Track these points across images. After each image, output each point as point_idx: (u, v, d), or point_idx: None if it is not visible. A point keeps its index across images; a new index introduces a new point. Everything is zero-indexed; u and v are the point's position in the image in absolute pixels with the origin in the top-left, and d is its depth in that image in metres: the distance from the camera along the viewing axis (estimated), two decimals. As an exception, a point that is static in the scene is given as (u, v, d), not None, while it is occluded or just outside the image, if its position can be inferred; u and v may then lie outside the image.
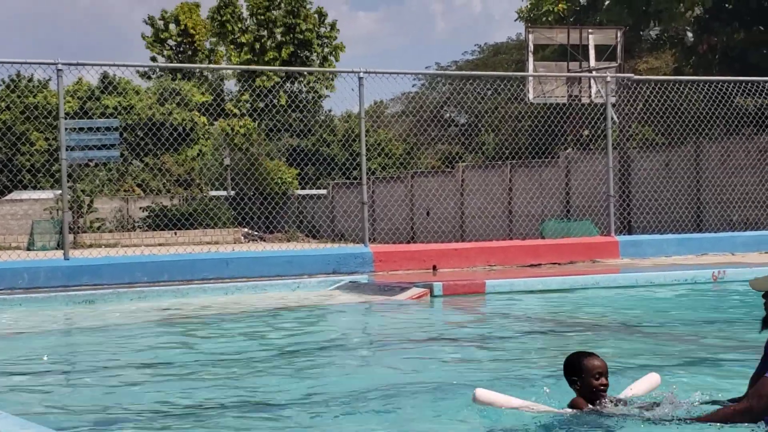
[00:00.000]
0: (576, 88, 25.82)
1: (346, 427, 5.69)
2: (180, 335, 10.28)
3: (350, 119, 47.93)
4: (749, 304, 12.25)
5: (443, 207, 35.88)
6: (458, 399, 6.41)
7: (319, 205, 42.80)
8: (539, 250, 17.48)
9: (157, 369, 8.02)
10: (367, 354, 8.62)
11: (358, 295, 13.24)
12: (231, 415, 6.08)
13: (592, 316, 11.44)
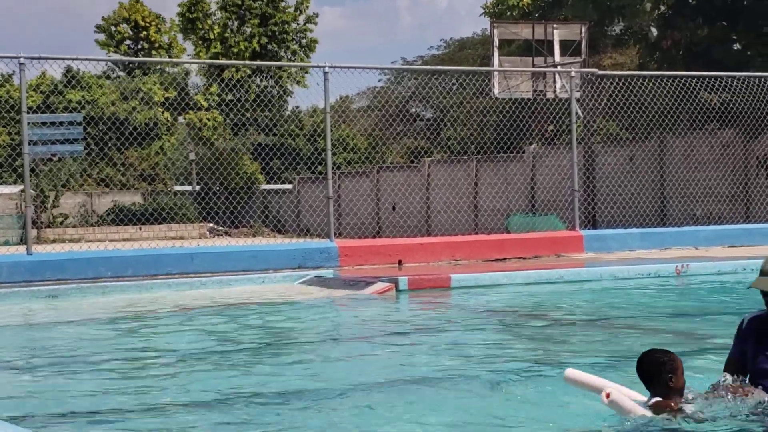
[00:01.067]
0: (541, 83, 25.88)
1: (309, 423, 5.68)
2: (143, 330, 10.23)
3: (316, 114, 47.85)
4: (712, 297, 12.36)
5: (409, 202, 35.92)
6: (424, 394, 6.42)
7: (285, 200, 42.72)
8: (505, 244, 17.52)
9: (117, 364, 7.98)
10: (332, 349, 8.61)
11: (323, 290, 13.22)
12: (193, 411, 6.05)
13: (557, 310, 11.48)
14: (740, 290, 12.86)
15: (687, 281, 13.73)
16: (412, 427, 5.48)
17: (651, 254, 17.29)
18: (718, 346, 7.88)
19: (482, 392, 6.41)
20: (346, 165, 45.59)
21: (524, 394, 6.33)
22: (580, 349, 8.25)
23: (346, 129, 46.74)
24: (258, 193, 41.94)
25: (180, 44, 58.63)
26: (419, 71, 36.20)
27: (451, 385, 6.74)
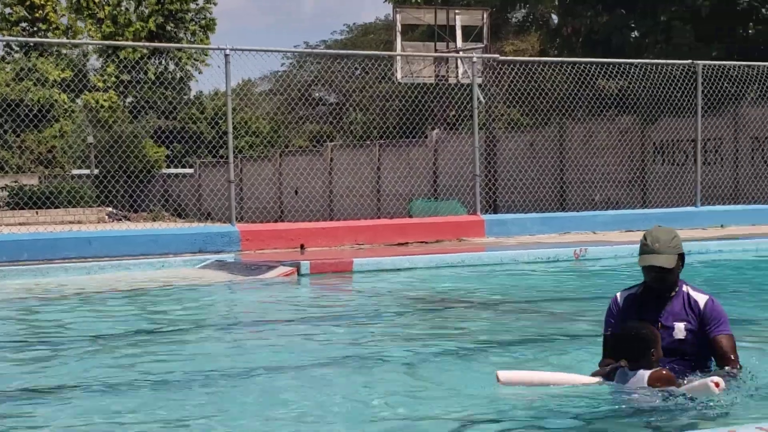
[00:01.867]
0: (443, 69, 25.96)
1: (206, 408, 5.61)
2: (39, 315, 10.02)
3: (218, 97, 47.41)
4: (609, 281, 12.55)
5: (312, 186, 35.82)
6: (326, 377, 6.40)
7: (186, 184, 42.27)
8: (407, 229, 17.57)
9: (8, 349, 7.80)
10: (231, 333, 8.54)
11: (224, 274, 13.10)
12: (89, 396, 5.94)
13: (458, 294, 11.55)
14: (637, 273, 13.09)
15: (585, 265, 13.92)
16: (312, 411, 5.45)
17: (550, 239, 17.50)
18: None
19: (384, 374, 6.42)
20: (249, 149, 45.27)
21: (428, 376, 6.35)
22: (480, 332, 8.32)
23: (248, 112, 46.40)
24: (158, 177, 41.42)
25: (79, 26, 57.45)
26: (322, 55, 36.12)
27: (354, 367, 6.73)
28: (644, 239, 5.72)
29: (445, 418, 5.23)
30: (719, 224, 19.83)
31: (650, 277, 5.70)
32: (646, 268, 5.69)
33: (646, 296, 5.75)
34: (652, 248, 5.65)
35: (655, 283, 5.70)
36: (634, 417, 5.16)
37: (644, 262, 5.67)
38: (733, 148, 27.33)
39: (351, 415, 5.36)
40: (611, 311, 5.83)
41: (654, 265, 5.63)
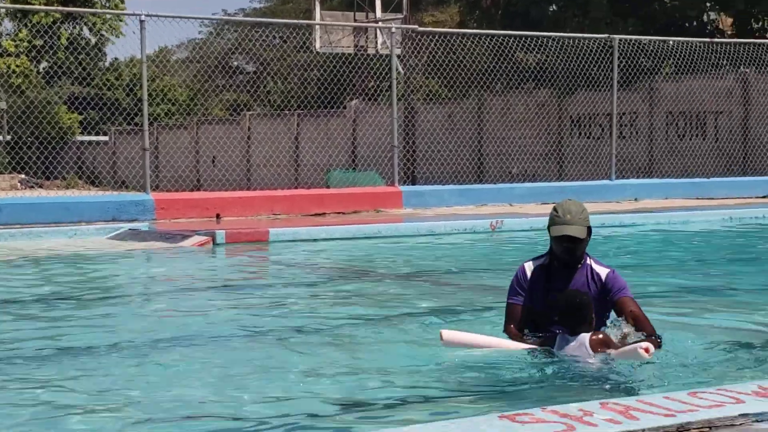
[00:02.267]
0: (362, 39, 25.91)
1: (119, 377, 5.53)
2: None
3: (133, 64, 46.69)
4: (524, 252, 12.63)
5: (229, 156, 35.53)
6: (239, 348, 6.35)
7: (100, 152, 41.64)
8: (324, 199, 17.53)
9: None
10: (141, 302, 8.43)
11: (138, 243, 12.94)
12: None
13: (375, 264, 11.55)
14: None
15: (501, 236, 14.01)
16: (225, 381, 5.39)
17: (467, 210, 17.59)
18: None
19: (300, 344, 6.38)
20: (166, 117, 44.71)
21: (344, 345, 6.33)
22: (396, 301, 8.31)
23: (166, 79, 45.78)
24: (72, 144, 40.74)
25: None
26: (240, 23, 35.73)
27: (269, 337, 6.69)
28: (555, 211, 5.87)
29: (364, 388, 5.22)
30: (633, 197, 20.11)
31: (561, 247, 5.86)
32: (558, 238, 5.84)
33: (554, 267, 5.95)
34: (564, 219, 5.81)
35: (565, 253, 5.87)
36: (582, 381, 5.31)
37: (557, 232, 5.82)
38: (648, 122, 27.70)
39: (267, 385, 5.32)
40: (519, 281, 5.99)
41: (566, 235, 5.79)
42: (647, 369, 5.41)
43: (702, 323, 7.09)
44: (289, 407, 4.79)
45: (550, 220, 5.88)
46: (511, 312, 5.98)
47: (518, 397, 4.97)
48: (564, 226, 5.80)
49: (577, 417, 3.74)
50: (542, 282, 5.92)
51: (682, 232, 14.81)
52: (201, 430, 4.46)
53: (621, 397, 4.16)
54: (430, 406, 4.85)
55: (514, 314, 5.96)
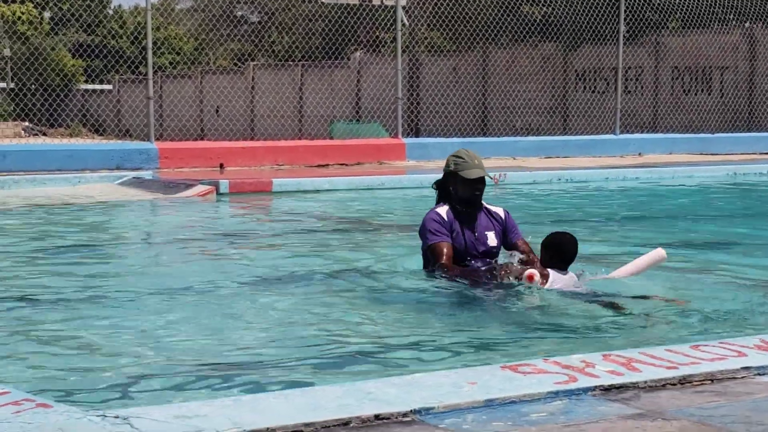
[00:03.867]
0: (368, -11, 25.71)
1: (122, 325, 5.56)
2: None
3: (139, 14, 46.44)
4: (527, 204, 12.66)
5: (233, 106, 35.46)
6: (238, 297, 6.37)
7: (104, 100, 41.53)
8: (327, 150, 17.51)
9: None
10: (144, 251, 8.46)
11: (141, 191, 12.96)
12: (7, 310, 5.85)
13: (377, 215, 11.57)
14: (554, 198, 13.24)
15: (504, 190, 14.01)
16: (228, 330, 5.42)
17: (471, 163, 17.54)
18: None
19: (303, 294, 6.40)
20: (171, 67, 44.54)
21: (346, 294, 6.36)
22: (395, 253, 8.32)
23: (171, 29, 45.56)
24: (77, 92, 40.60)
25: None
26: (245, -27, 35.52)
27: (271, 286, 6.71)
28: (462, 157, 6.43)
29: (363, 336, 5.25)
30: (637, 152, 20.09)
31: (474, 190, 6.43)
32: (473, 181, 6.37)
33: (457, 210, 6.48)
34: (474, 164, 6.38)
35: (475, 196, 6.47)
36: (584, 332, 5.37)
37: (474, 175, 6.35)
38: (653, 76, 27.58)
39: (270, 333, 5.34)
40: (439, 223, 6.42)
41: (481, 177, 6.40)
42: (651, 321, 5.43)
43: (704, 277, 7.11)
44: (286, 353, 4.82)
45: (458, 166, 6.37)
46: (441, 250, 6.34)
47: (522, 346, 5.00)
48: (478, 169, 6.36)
49: (579, 368, 3.76)
50: (456, 224, 6.43)
51: (686, 187, 14.81)
52: (201, 376, 4.48)
53: (623, 349, 4.18)
54: (431, 354, 4.88)
55: (444, 251, 6.34)
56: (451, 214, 6.45)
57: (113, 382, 4.32)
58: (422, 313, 5.73)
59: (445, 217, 6.44)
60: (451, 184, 6.49)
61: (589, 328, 5.40)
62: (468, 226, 6.45)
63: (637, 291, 5.99)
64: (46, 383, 4.29)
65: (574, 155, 19.24)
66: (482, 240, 6.47)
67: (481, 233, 6.48)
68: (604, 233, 9.77)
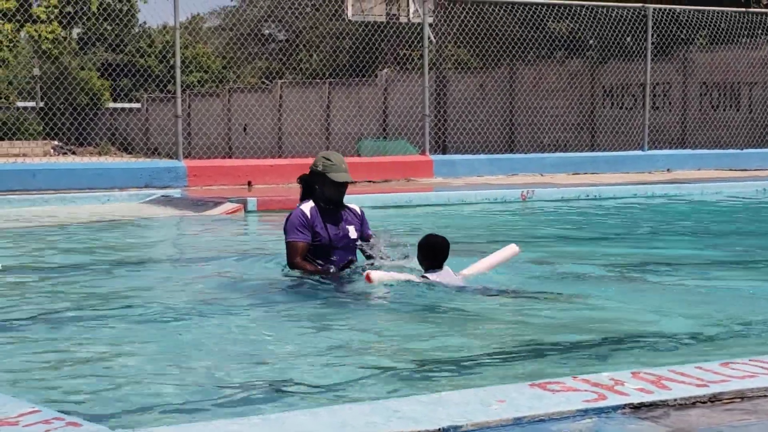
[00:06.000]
0: (395, 7, 25.76)
1: (149, 343, 5.58)
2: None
3: (167, 32, 46.72)
4: (555, 221, 12.63)
5: (260, 124, 35.58)
6: (264, 315, 6.38)
7: (133, 119, 41.78)
8: (355, 168, 17.33)
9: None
10: (176, 268, 8.48)
11: (170, 210, 13.01)
12: (35, 329, 5.88)
13: (404, 232, 11.54)
14: (582, 214, 13.19)
15: (532, 206, 13.98)
16: (258, 348, 5.43)
17: (498, 180, 17.56)
18: (564, 269, 8.06)
19: (330, 312, 6.40)
20: (199, 85, 44.78)
21: (374, 310, 6.36)
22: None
23: (200, 47, 45.82)
24: (104, 111, 40.85)
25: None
26: (273, -9, 35.68)
27: (300, 304, 6.72)
28: (332, 160, 7.15)
29: (392, 355, 5.24)
30: (666, 168, 20.01)
31: (340, 191, 7.18)
32: (341, 184, 7.12)
33: (321, 208, 7.19)
34: (342, 168, 7.13)
35: (340, 196, 7.20)
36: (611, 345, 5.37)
37: (342, 179, 7.10)
38: (681, 92, 27.47)
39: (296, 350, 5.35)
40: (301, 221, 7.11)
41: (348, 181, 7.15)
42: (679, 338, 5.41)
43: (733, 294, 7.06)
44: (312, 371, 4.82)
45: (327, 168, 7.09)
46: (297, 248, 7.09)
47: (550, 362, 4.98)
48: (345, 173, 7.12)
49: (609, 386, 3.74)
50: (320, 222, 7.13)
51: (715, 203, 14.73)
52: (228, 395, 4.49)
53: (652, 366, 4.16)
54: (458, 370, 4.86)
55: (300, 249, 7.09)
56: (315, 211, 7.16)
57: (143, 401, 4.33)
58: (444, 331, 5.71)
59: (309, 214, 7.14)
60: (318, 183, 7.20)
61: (611, 343, 5.36)
62: (331, 221, 7.20)
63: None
64: (74, 402, 4.31)
65: (602, 171, 19.19)
66: (344, 233, 7.22)
67: (343, 228, 7.23)
68: (633, 249, 9.72)
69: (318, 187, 7.20)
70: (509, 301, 6.56)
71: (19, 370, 4.89)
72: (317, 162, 7.22)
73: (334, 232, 7.19)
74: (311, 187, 7.27)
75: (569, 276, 7.76)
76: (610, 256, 9.04)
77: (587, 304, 6.53)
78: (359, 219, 7.38)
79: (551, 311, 6.27)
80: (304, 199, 7.30)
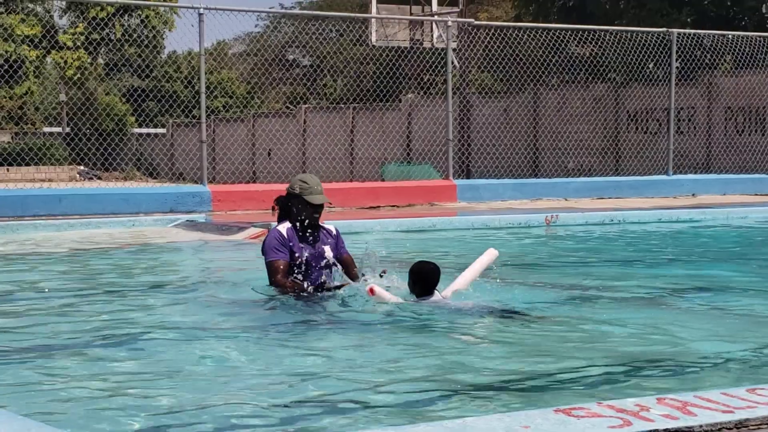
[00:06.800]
0: (418, 32, 25.90)
1: (178, 362, 5.59)
2: (7, 272, 9.95)
3: (192, 58, 47.02)
4: (580, 246, 12.59)
5: (285, 149, 35.69)
6: (291, 339, 6.39)
7: (158, 144, 42.01)
8: (378, 192, 17.57)
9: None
10: (199, 293, 8.48)
11: (194, 234, 13.05)
12: (53, 355, 5.90)
13: (428, 257, 11.51)
14: (607, 239, 13.15)
15: (556, 231, 13.95)
16: (279, 373, 5.44)
17: (522, 204, 17.53)
18: (589, 294, 8.03)
19: (356, 335, 6.40)
20: (224, 110, 45.00)
21: (395, 334, 6.35)
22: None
23: (225, 73, 46.08)
24: (130, 136, 41.12)
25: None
26: (297, 17, 35.89)
27: (328, 329, 6.72)
28: (308, 183, 7.39)
29: (410, 380, 5.24)
30: (691, 193, 19.94)
31: (315, 213, 7.39)
32: (315, 206, 7.35)
33: (298, 229, 7.43)
34: (319, 190, 7.37)
35: (315, 218, 7.42)
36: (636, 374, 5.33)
37: (319, 201, 7.34)
38: (706, 117, 27.40)
39: (319, 374, 5.34)
40: (279, 241, 7.37)
41: (324, 202, 7.38)
42: (705, 364, 5.38)
43: (758, 319, 7.02)
44: (333, 398, 4.81)
45: (303, 190, 7.33)
46: (277, 267, 7.34)
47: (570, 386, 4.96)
48: (321, 195, 7.36)
49: (634, 412, 3.72)
50: (297, 242, 7.38)
51: (741, 228, 14.66)
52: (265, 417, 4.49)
53: (678, 392, 4.13)
54: (479, 396, 4.85)
55: (280, 268, 7.33)
56: (291, 232, 7.41)
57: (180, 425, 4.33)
58: (465, 356, 5.69)
59: (286, 235, 7.39)
60: (294, 204, 7.43)
61: (636, 368, 5.33)
62: (307, 242, 7.45)
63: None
64: (103, 425, 4.32)
65: (626, 196, 19.14)
66: (320, 253, 7.46)
67: (319, 248, 7.47)
68: (657, 273, 9.68)
69: (294, 208, 7.44)
70: (525, 324, 6.54)
71: (35, 398, 4.91)
72: (293, 184, 7.46)
73: (311, 252, 7.41)
74: (288, 208, 7.50)
75: (592, 300, 7.74)
76: (635, 280, 9.00)
77: (611, 328, 6.51)
78: (335, 239, 7.62)
79: (574, 335, 6.25)
80: (281, 221, 7.54)
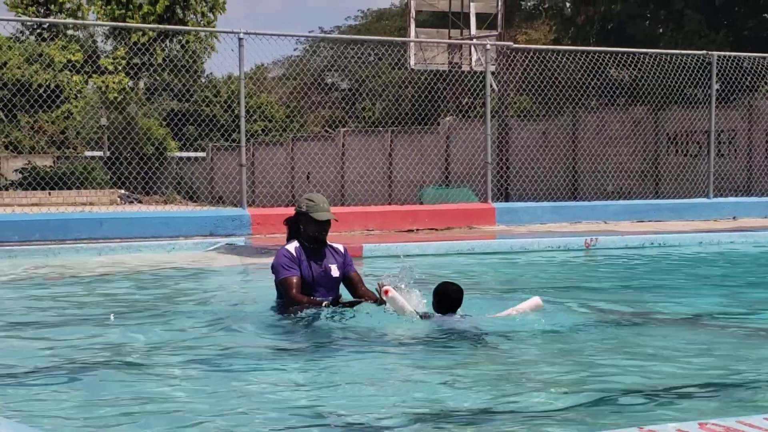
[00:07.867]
0: (457, 56, 25.96)
1: (216, 388, 5.62)
2: (50, 295, 10.04)
3: (232, 82, 47.32)
4: (620, 270, 12.53)
5: (323, 172, 35.82)
6: (331, 360, 6.40)
7: (198, 168, 42.30)
8: (417, 215, 17.57)
9: (28, 328, 7.82)
10: (239, 316, 8.52)
11: (234, 258, 13.13)
12: (98, 375, 5.96)
13: (466, 281, 11.52)
14: (647, 263, 13.08)
15: (596, 254, 13.89)
16: (323, 394, 5.45)
17: (561, 228, 17.48)
18: (628, 318, 7.99)
19: (397, 357, 6.41)
20: (263, 133, 45.24)
21: (439, 357, 6.35)
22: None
23: (264, 96, 46.35)
24: (170, 160, 41.40)
25: (85, 6, 57.09)
26: (336, 41, 36.07)
27: (370, 352, 6.73)
28: (314, 201, 7.53)
29: (445, 404, 5.24)
30: (731, 216, 19.79)
31: (324, 229, 7.52)
32: (321, 223, 7.47)
33: (305, 247, 7.58)
34: (325, 207, 7.51)
35: (324, 234, 7.55)
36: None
37: (325, 217, 7.47)
38: (747, 140, 27.23)
39: (358, 394, 5.36)
40: (289, 259, 7.52)
41: (329, 219, 7.48)
42: (747, 388, 5.33)
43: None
44: (385, 415, 4.82)
45: (309, 208, 7.47)
46: (291, 283, 7.46)
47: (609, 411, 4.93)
48: (327, 212, 7.49)
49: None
50: (305, 260, 7.52)
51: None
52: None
53: (720, 417, 4.11)
54: (517, 422, 4.84)
55: (294, 284, 7.45)
56: (300, 250, 7.55)
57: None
58: (504, 378, 5.68)
59: (294, 253, 7.53)
60: (301, 223, 7.56)
61: (678, 393, 5.30)
62: (315, 260, 7.58)
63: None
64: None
65: (666, 219, 19.03)
66: (327, 272, 7.59)
67: (326, 266, 7.60)
68: (698, 297, 9.62)
69: (302, 226, 7.57)
70: (562, 346, 6.51)
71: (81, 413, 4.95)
72: (301, 203, 7.60)
73: (317, 270, 7.56)
74: (297, 227, 7.63)
75: (632, 324, 7.70)
76: (675, 303, 8.95)
77: (651, 352, 6.48)
78: (342, 257, 7.74)
79: (613, 359, 6.22)
80: (290, 240, 7.68)
